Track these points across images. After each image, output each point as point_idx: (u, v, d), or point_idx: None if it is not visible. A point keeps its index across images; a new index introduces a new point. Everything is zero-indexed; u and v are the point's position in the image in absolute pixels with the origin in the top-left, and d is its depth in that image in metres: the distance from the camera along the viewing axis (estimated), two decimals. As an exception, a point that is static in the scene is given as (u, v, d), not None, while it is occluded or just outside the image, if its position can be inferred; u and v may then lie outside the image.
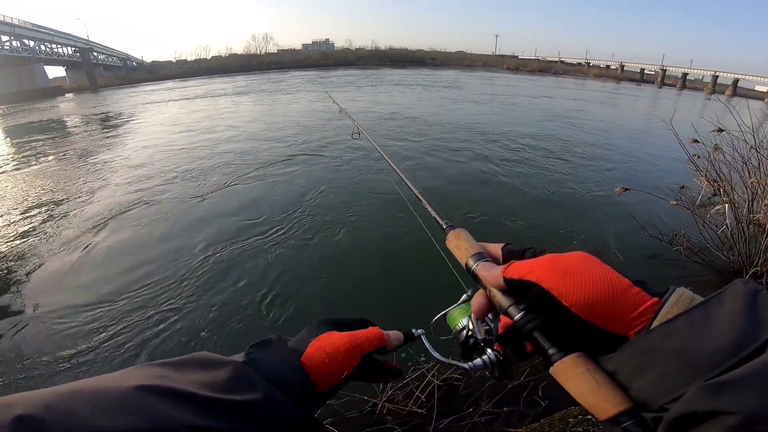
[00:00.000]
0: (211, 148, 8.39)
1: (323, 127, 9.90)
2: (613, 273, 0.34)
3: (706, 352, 0.27)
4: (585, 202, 5.19)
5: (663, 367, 0.28)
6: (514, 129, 10.00)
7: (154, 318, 3.00)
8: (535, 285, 0.36)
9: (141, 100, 23.04)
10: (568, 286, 0.34)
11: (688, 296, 0.31)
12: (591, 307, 0.32)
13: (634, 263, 3.67)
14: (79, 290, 3.43)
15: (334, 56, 60.99)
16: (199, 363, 0.39)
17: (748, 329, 0.27)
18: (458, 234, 0.51)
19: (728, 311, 0.28)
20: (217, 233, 4.30)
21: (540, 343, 0.37)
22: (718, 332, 0.27)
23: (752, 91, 38.11)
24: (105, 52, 53.45)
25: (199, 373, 0.37)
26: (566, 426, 1.31)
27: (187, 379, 0.36)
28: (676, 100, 25.94)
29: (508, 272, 0.39)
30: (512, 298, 0.39)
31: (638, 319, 0.31)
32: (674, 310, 0.30)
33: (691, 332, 0.28)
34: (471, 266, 0.45)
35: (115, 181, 6.47)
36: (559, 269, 0.35)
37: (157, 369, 0.37)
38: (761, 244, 3.10)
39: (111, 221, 4.82)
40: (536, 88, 25.16)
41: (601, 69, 53.68)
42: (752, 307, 0.28)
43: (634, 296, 0.32)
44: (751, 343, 0.26)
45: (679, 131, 3.42)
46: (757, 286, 0.30)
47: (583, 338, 0.34)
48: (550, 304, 0.35)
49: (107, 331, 2.89)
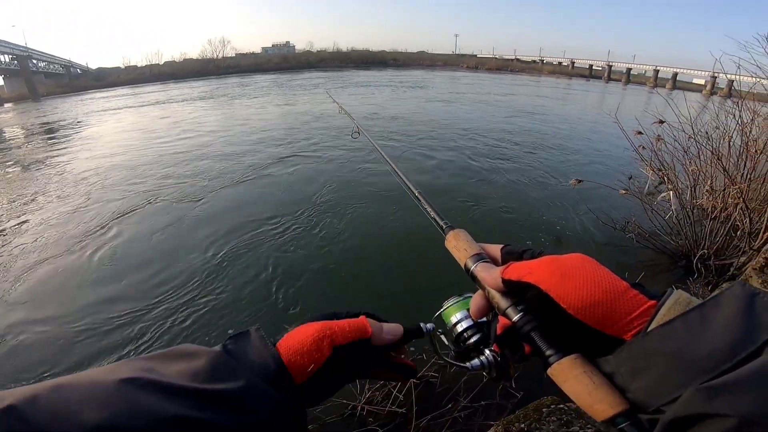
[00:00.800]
0: (195, 152, 8.08)
1: (316, 127, 9.86)
2: (611, 276, 0.34)
3: (703, 354, 0.27)
4: (548, 193, 5.37)
5: (659, 370, 0.29)
6: (485, 125, 10.44)
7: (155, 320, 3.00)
8: (534, 287, 0.36)
9: (93, 107, 21.60)
10: (566, 288, 0.34)
11: (685, 299, 0.31)
12: (589, 309, 0.33)
13: (590, 252, 3.78)
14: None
15: (296, 59, 59.96)
16: (180, 354, 0.38)
17: (745, 332, 0.27)
18: (457, 234, 0.51)
19: (725, 314, 0.28)
20: (222, 232, 4.32)
21: (538, 344, 0.36)
22: (715, 335, 0.27)
23: (690, 83, 41.20)
24: (46, 59, 49.85)
25: (181, 364, 0.37)
26: (540, 415, 1.36)
27: (170, 371, 0.36)
28: (621, 95, 27.58)
29: (506, 273, 0.39)
30: (511, 299, 0.39)
31: (635, 321, 0.31)
32: (671, 312, 0.30)
33: (688, 335, 0.28)
34: (470, 267, 0.45)
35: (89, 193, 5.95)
36: (558, 271, 0.35)
37: (141, 362, 0.36)
38: (706, 228, 3.28)
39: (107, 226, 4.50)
40: (498, 86, 26.00)
41: (554, 66, 56.28)
42: (749, 310, 0.28)
43: (631, 299, 0.32)
44: (748, 346, 0.26)
45: (625, 124, 3.56)
46: (754, 289, 0.29)
47: (580, 340, 0.34)
48: (549, 306, 0.35)
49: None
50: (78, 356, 2.69)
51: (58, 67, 53.26)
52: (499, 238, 0.47)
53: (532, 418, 1.38)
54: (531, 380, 2.05)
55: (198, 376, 0.36)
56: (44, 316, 3.13)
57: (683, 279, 3.28)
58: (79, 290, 3.47)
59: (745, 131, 3.21)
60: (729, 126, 3.41)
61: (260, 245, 3.97)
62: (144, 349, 2.73)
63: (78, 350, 2.75)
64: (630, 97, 24.60)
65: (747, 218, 2.94)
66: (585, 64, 53.07)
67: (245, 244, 4.02)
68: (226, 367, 0.38)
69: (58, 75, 52.52)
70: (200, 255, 3.87)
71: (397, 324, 0.49)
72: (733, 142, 3.33)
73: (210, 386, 0.35)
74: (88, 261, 3.94)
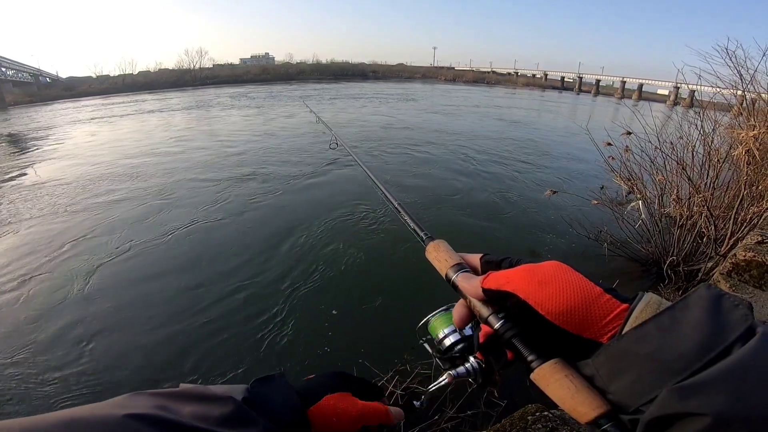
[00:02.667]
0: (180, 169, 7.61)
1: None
2: (585, 281, 0.35)
3: (675, 355, 0.28)
4: (524, 204, 5.45)
5: (636, 371, 0.29)
6: (483, 137, 10.69)
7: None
8: (513, 295, 0.37)
9: (67, 118, 20.55)
10: (543, 295, 0.35)
11: (656, 301, 0.32)
12: (565, 314, 0.33)
13: (565, 262, 3.80)
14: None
15: (275, 70, 59.72)
16: (194, 395, 0.38)
17: (714, 332, 0.28)
18: (437, 245, 0.52)
19: (694, 315, 0.29)
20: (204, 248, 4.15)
21: (520, 350, 0.37)
22: (685, 336, 0.28)
23: (655, 94, 43.40)
24: (14, 67, 47.75)
25: (195, 405, 0.37)
26: (526, 423, 1.36)
27: (183, 411, 0.35)
28: (591, 105, 28.77)
29: (486, 283, 0.39)
30: (492, 307, 0.40)
31: (610, 325, 0.32)
32: (643, 315, 0.31)
33: (660, 336, 0.29)
34: (451, 277, 0.46)
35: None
36: (535, 279, 0.36)
37: (149, 398, 0.36)
38: (674, 235, 3.36)
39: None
40: (487, 98, 27.06)
41: (528, 78, 58.25)
42: (717, 311, 0.29)
43: (605, 303, 0.33)
44: (718, 346, 0.27)
45: (595, 134, 3.64)
46: (720, 291, 0.30)
47: (560, 344, 0.35)
48: (528, 313, 0.36)
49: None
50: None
51: (27, 76, 51.20)
52: (476, 250, 0.48)
53: (518, 426, 1.37)
54: (515, 389, 2.08)
55: (212, 418, 0.36)
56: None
57: (655, 285, 3.34)
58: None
59: (707, 141, 3.33)
60: (692, 136, 3.52)
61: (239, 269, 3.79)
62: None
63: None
64: (600, 108, 25.67)
65: (712, 225, 3.02)
66: (557, 76, 55.18)
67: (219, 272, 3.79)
68: (244, 412, 0.39)
69: (27, 84, 50.44)
70: (193, 267, 3.71)
71: (400, 410, 0.55)
72: (696, 151, 3.44)
73: (224, 430, 0.35)
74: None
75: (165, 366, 2.64)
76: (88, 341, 2.86)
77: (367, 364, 2.33)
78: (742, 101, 3.58)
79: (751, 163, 2.87)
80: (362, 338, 2.79)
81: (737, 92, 3.49)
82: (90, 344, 2.84)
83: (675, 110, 7.64)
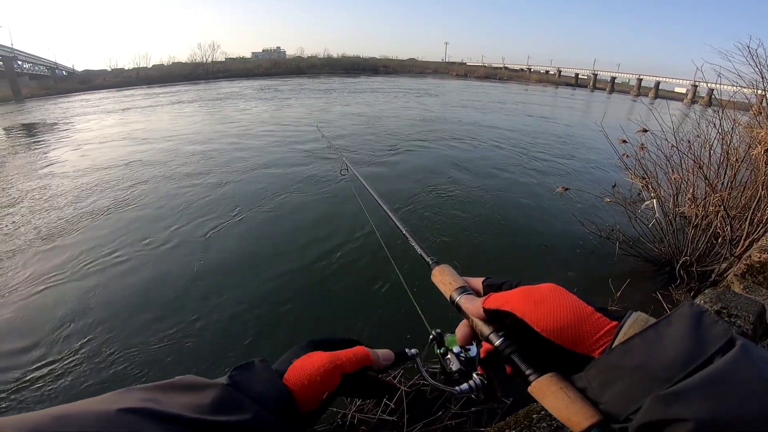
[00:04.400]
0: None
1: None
2: (577, 301, 0.38)
3: (660, 366, 0.30)
4: (536, 200, 5.42)
5: (624, 382, 0.31)
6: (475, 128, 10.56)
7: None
8: (511, 314, 0.40)
9: (81, 110, 20.78)
10: (539, 314, 0.38)
11: (643, 318, 0.35)
12: (559, 331, 0.36)
13: (576, 259, 3.81)
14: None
15: (286, 64, 59.72)
16: (185, 386, 0.39)
17: (696, 345, 0.30)
18: (442, 270, 0.55)
19: (677, 330, 0.31)
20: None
21: (518, 365, 0.40)
22: (669, 349, 0.30)
23: (672, 92, 42.37)
24: (31, 60, 48.65)
25: (186, 396, 0.37)
26: (531, 422, 1.36)
27: (175, 402, 0.36)
28: (606, 103, 28.19)
29: (487, 303, 0.43)
30: (492, 326, 0.43)
31: (601, 340, 0.35)
32: (630, 331, 0.34)
33: (646, 350, 0.31)
34: (455, 298, 0.49)
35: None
36: (531, 299, 0.39)
37: (142, 392, 0.36)
38: (688, 235, 3.31)
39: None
40: (506, 95, 26.82)
41: (541, 75, 57.35)
42: (698, 326, 0.31)
43: (596, 321, 0.36)
44: (699, 357, 0.29)
45: (610, 132, 3.59)
46: (701, 308, 0.33)
47: (555, 359, 0.37)
48: (525, 331, 0.38)
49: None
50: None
51: (44, 69, 52.13)
52: (488, 247, 0.51)
53: (522, 425, 1.38)
54: (520, 386, 2.02)
55: (204, 407, 0.36)
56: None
57: (666, 286, 3.30)
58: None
59: (726, 140, 3.26)
60: (710, 135, 3.46)
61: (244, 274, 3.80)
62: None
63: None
64: (614, 106, 25.15)
65: (728, 226, 2.97)
66: (571, 72, 54.22)
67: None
68: (232, 399, 0.39)
69: (43, 77, 51.41)
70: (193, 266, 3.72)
71: (388, 350, 0.53)
72: (713, 150, 3.38)
73: (217, 418, 0.36)
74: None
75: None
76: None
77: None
78: (762, 100, 3.50)
79: (770, 163, 2.82)
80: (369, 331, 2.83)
81: (758, 91, 3.42)
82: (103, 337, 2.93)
83: (693, 108, 7.46)
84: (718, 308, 1.69)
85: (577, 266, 3.72)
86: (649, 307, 2.87)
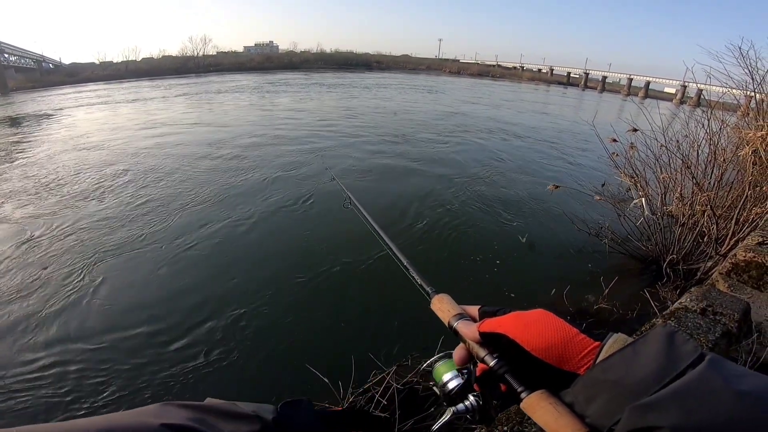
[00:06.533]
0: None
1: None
2: (564, 324, 0.42)
3: (636, 380, 0.33)
4: (527, 197, 5.45)
5: (605, 396, 0.34)
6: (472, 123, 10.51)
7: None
8: (504, 336, 0.43)
9: (71, 101, 20.10)
10: (529, 335, 0.41)
11: (622, 339, 0.38)
12: (546, 350, 0.40)
13: (566, 257, 3.84)
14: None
15: (278, 59, 58.90)
16: (223, 412, 0.41)
17: (669, 361, 0.33)
18: (441, 298, 0.60)
19: (652, 348, 0.34)
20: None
21: (511, 383, 0.43)
22: (645, 365, 0.33)
23: (662, 92, 42.70)
24: (17, 53, 47.50)
25: (231, 425, 0.39)
26: (522, 418, 1.40)
27: (219, 427, 0.37)
28: (597, 102, 28.43)
29: (482, 327, 0.47)
30: (487, 348, 0.47)
31: (585, 359, 0.38)
32: (611, 350, 0.37)
33: (625, 366, 0.34)
34: (453, 324, 0.54)
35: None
36: (521, 322, 0.43)
37: (181, 410, 0.38)
38: (675, 234, 3.36)
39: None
40: (509, 92, 27.13)
41: (533, 73, 57.50)
42: (671, 344, 0.34)
43: (580, 341, 0.39)
44: (672, 372, 0.32)
45: (600, 130, 3.62)
46: (674, 328, 0.36)
47: (545, 377, 0.40)
48: (517, 351, 0.42)
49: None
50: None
51: (30, 62, 50.92)
52: (479, 245, 0.51)
53: (514, 421, 1.40)
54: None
55: None
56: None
57: (653, 283, 3.34)
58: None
59: (713, 140, 3.31)
60: (698, 135, 3.50)
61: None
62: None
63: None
64: (605, 105, 25.38)
65: (714, 225, 3.02)
66: (563, 71, 54.49)
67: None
68: None
69: (30, 70, 50.16)
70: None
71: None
72: (701, 150, 3.42)
73: None
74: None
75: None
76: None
77: (371, 355, 2.35)
78: (751, 101, 3.55)
79: (757, 164, 2.86)
80: (365, 336, 2.81)
81: (747, 93, 3.46)
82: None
83: (682, 109, 7.56)
84: (704, 306, 1.71)
85: (566, 263, 3.75)
86: (636, 305, 2.91)
